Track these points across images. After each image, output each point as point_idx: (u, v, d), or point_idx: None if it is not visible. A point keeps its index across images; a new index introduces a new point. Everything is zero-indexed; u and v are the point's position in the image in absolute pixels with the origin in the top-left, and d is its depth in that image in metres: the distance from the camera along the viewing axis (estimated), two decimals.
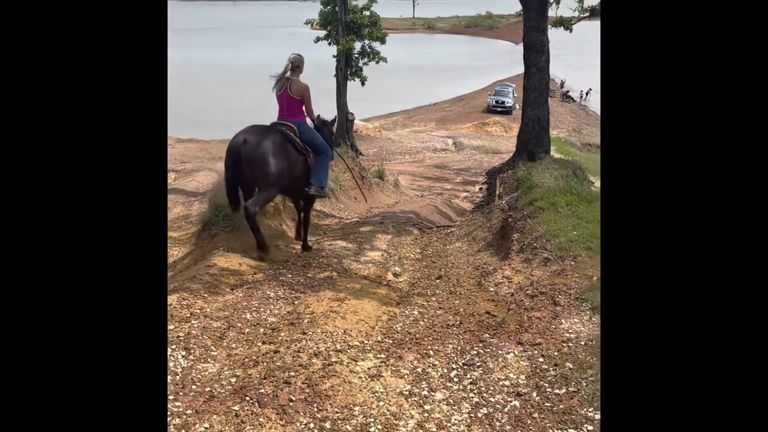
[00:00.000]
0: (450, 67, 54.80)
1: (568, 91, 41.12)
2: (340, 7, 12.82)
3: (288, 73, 5.85)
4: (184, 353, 3.50)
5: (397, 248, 7.02)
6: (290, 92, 5.85)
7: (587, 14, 17.87)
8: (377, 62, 13.31)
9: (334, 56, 13.19)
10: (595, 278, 4.32)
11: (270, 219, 7.44)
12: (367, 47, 13.30)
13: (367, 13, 13.36)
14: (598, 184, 14.34)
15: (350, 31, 13.03)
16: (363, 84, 13.24)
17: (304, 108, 5.97)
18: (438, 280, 5.58)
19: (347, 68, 13.20)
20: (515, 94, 33.47)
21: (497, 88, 36.57)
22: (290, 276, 5.20)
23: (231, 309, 4.27)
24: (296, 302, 4.48)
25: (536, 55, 8.94)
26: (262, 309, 4.33)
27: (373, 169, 12.51)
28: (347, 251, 6.58)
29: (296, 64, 5.85)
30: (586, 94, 40.63)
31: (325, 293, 4.65)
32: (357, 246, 6.88)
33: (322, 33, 13.66)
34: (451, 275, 5.72)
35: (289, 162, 5.56)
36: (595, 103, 39.92)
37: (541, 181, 6.72)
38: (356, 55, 13.15)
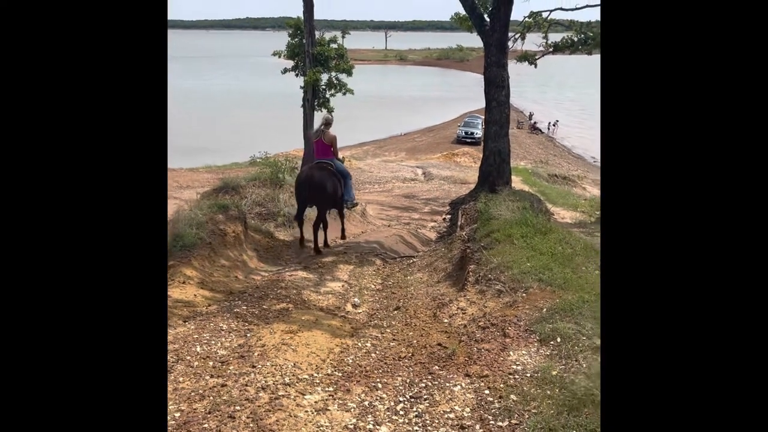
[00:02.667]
0: (421, 98, 55.55)
1: (536, 123, 41.96)
2: (307, 40, 13.00)
3: (322, 127, 8.31)
4: None
5: (358, 279, 7.03)
6: (324, 140, 8.25)
7: (551, 49, 18.39)
8: (344, 94, 13.47)
9: (301, 87, 13.32)
10: (545, 310, 4.39)
11: (230, 249, 7.42)
12: (334, 79, 13.48)
13: (335, 45, 13.58)
14: (560, 213, 14.55)
15: (317, 63, 13.20)
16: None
17: (332, 150, 8.40)
18: (396, 312, 5.60)
19: (314, 99, 13.32)
20: (484, 126, 33.97)
21: (466, 119, 37.11)
22: (245, 308, 5.17)
23: (181, 342, 4.22)
24: (248, 334, 4.45)
25: (496, 89, 9.15)
26: (213, 341, 4.29)
27: None
28: (307, 282, 6.57)
29: (328, 121, 8.38)
30: (554, 126, 41.51)
31: (278, 325, 4.63)
32: (318, 276, 6.87)
33: (290, 63, 13.82)
34: (409, 306, 5.74)
35: (334, 187, 8.17)
36: (562, 134, 40.83)
37: (498, 213, 6.83)
38: (323, 87, 13.30)
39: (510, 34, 11.22)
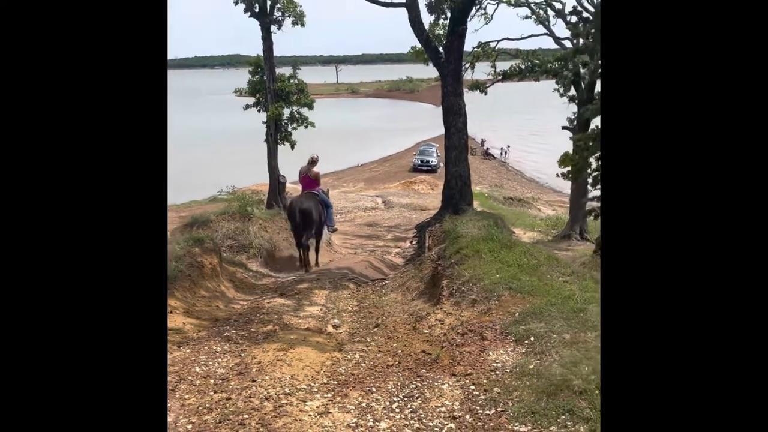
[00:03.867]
0: (375, 129, 56.37)
1: (488, 149, 43.14)
2: (268, 77, 13.36)
3: (308, 165, 9.82)
4: None
5: (335, 302, 7.31)
6: (309, 175, 9.84)
7: (500, 77, 19.27)
8: (306, 127, 13.83)
9: (263, 122, 13.63)
10: (517, 314, 4.79)
11: (208, 280, 7.60)
12: (295, 113, 13.84)
13: (295, 81, 13.99)
14: (518, 233, 15.12)
15: (278, 98, 13.55)
16: (293, 148, 13.68)
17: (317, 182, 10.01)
18: (376, 329, 5.91)
19: (277, 133, 13.63)
20: (439, 153, 34.71)
21: (421, 148, 37.84)
22: (234, 332, 5.40)
23: (180, 364, 4.44)
24: (243, 354, 4.70)
25: (454, 117, 9.69)
26: (210, 362, 4.52)
27: None
28: (286, 307, 6.81)
29: (313, 160, 9.88)
30: (506, 151, 42.75)
31: (269, 345, 4.89)
32: (296, 302, 7.12)
33: (251, 100, 14.13)
34: (388, 323, 6.07)
35: (319, 214, 9.67)
36: (514, 159, 42.10)
37: (465, 231, 7.26)
38: (285, 121, 13.64)
39: None
